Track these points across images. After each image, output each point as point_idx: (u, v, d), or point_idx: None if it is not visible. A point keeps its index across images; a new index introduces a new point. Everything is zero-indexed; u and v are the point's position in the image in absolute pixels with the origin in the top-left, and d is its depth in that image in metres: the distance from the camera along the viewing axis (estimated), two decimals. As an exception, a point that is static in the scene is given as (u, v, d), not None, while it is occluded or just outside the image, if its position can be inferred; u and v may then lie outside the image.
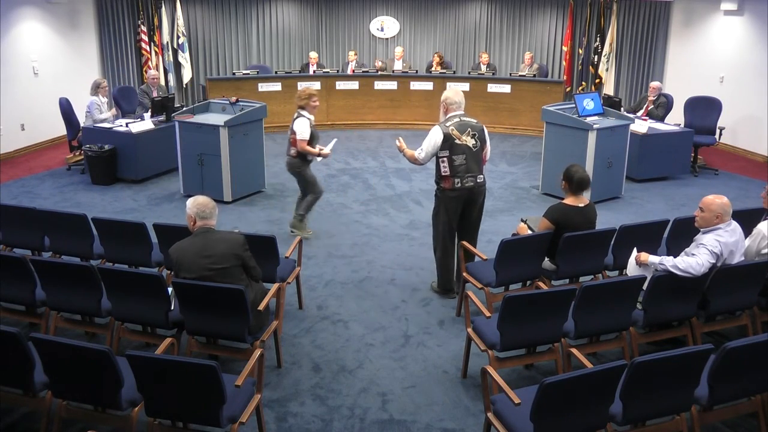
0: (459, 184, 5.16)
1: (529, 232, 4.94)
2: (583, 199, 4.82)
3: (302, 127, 6.21)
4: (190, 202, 4.06)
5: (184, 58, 12.33)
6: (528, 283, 5.00)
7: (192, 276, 3.92)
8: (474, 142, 5.15)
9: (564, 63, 12.71)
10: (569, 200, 4.81)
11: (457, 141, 5.11)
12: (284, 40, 13.24)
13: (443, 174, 5.17)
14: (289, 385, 4.24)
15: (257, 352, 3.63)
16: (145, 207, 7.57)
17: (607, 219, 6.77)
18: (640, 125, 8.56)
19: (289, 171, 6.58)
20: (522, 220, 5.18)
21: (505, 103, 11.40)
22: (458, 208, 5.26)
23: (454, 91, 5.30)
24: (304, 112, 6.27)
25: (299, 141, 6.21)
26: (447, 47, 13.45)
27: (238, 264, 4.01)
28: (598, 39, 12.18)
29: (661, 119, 9.27)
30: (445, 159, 5.14)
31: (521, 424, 3.12)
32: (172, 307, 4.10)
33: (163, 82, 11.53)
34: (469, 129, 5.15)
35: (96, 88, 8.88)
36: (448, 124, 5.15)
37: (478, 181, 5.21)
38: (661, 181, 8.72)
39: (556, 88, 11.23)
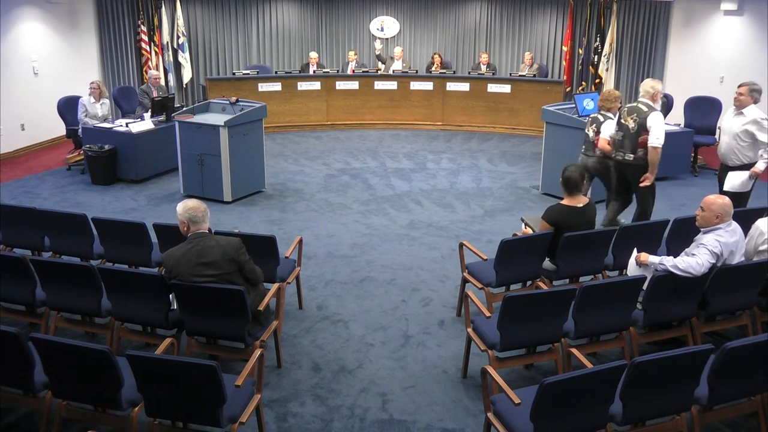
0: (614, 155, 6.17)
1: (530, 232, 4.94)
2: (582, 199, 4.81)
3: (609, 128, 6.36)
4: (180, 207, 3.97)
5: (184, 58, 12.33)
6: (528, 283, 5.00)
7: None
8: (633, 125, 5.92)
9: (564, 63, 12.70)
10: (566, 200, 4.81)
11: (622, 120, 6.05)
12: (284, 40, 13.24)
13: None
14: (289, 385, 4.24)
15: (257, 352, 3.63)
16: (145, 207, 7.57)
17: (607, 219, 6.75)
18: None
19: (597, 170, 6.57)
20: (522, 219, 5.19)
21: (505, 103, 11.40)
22: (616, 175, 6.24)
23: (646, 81, 6.05)
24: (609, 114, 6.56)
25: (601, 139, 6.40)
26: (447, 47, 13.45)
27: (236, 269, 3.94)
28: (598, 39, 12.17)
29: (661, 119, 9.26)
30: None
31: (521, 424, 3.12)
32: (173, 307, 4.09)
33: (163, 82, 11.52)
34: (635, 114, 5.93)
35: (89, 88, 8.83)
36: (626, 106, 6.07)
37: (626, 157, 6.02)
38: (661, 181, 8.68)
39: (556, 88, 11.23)
